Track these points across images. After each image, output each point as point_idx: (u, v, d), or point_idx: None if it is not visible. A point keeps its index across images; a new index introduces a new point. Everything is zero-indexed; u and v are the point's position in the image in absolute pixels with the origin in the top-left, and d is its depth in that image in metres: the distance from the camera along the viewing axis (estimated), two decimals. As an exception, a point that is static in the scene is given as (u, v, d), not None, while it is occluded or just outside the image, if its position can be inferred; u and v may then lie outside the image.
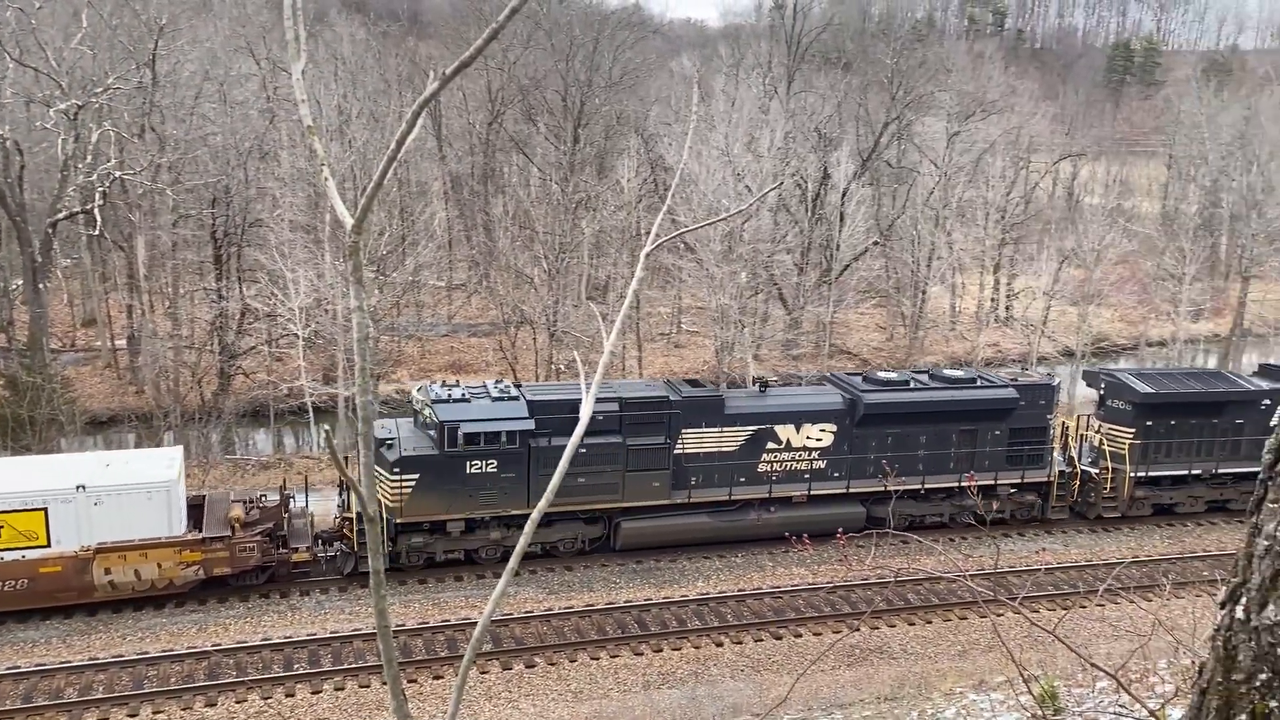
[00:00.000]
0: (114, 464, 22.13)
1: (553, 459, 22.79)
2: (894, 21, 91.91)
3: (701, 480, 24.99)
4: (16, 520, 20.24)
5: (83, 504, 20.53)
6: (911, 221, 50.61)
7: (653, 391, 25.23)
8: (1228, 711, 1.64)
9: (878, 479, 25.49)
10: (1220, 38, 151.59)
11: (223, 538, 21.71)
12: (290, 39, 1.90)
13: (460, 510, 23.16)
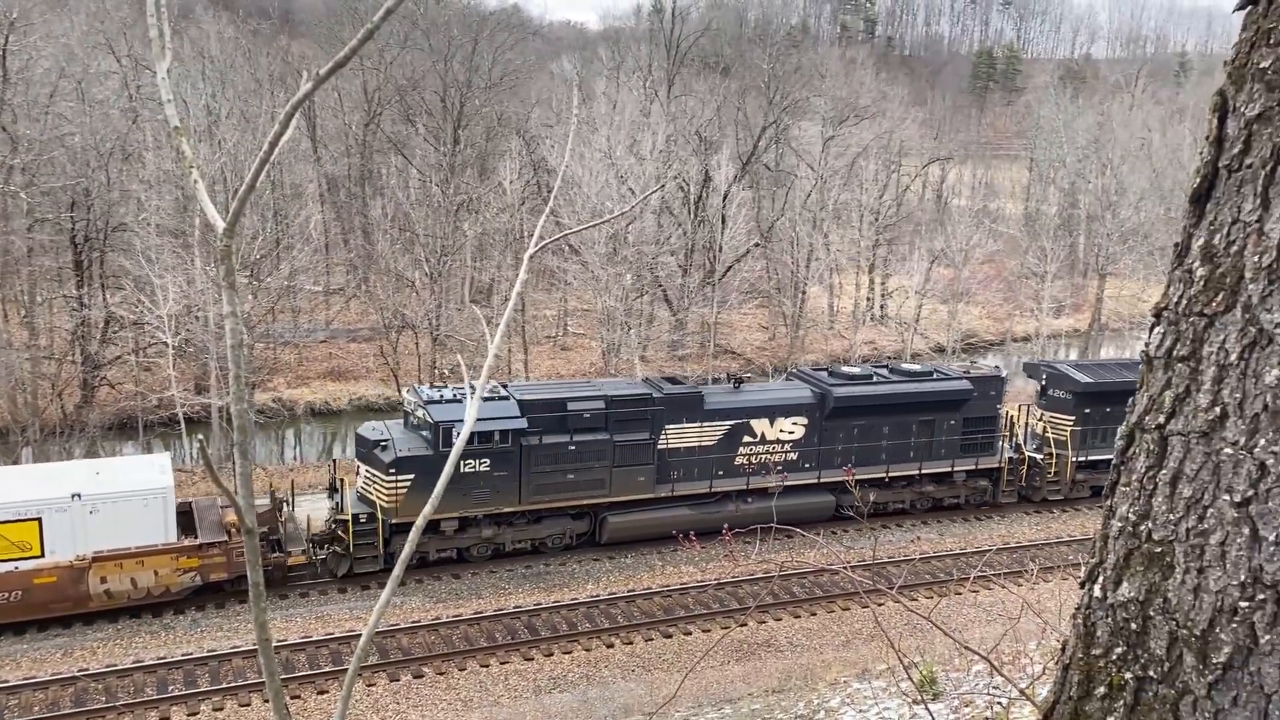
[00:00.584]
0: (104, 472, 21.82)
1: (545, 457, 23.57)
2: (770, 27, 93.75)
3: (683, 474, 25.60)
4: (9, 531, 19.81)
5: (78, 513, 20.17)
6: (790, 223, 51.74)
7: (636, 389, 25.81)
8: (1088, 685, 1.73)
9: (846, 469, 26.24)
10: (1075, 47, 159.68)
11: (219, 543, 21.56)
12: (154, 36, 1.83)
13: (454, 509, 23.40)
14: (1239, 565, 1.53)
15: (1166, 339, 1.68)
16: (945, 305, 51.77)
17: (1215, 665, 1.55)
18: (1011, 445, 29.88)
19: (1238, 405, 1.54)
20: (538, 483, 23.91)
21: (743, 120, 57.21)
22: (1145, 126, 68.91)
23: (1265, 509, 1.51)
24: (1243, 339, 1.53)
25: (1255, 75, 1.55)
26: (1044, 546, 27.04)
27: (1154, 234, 57.41)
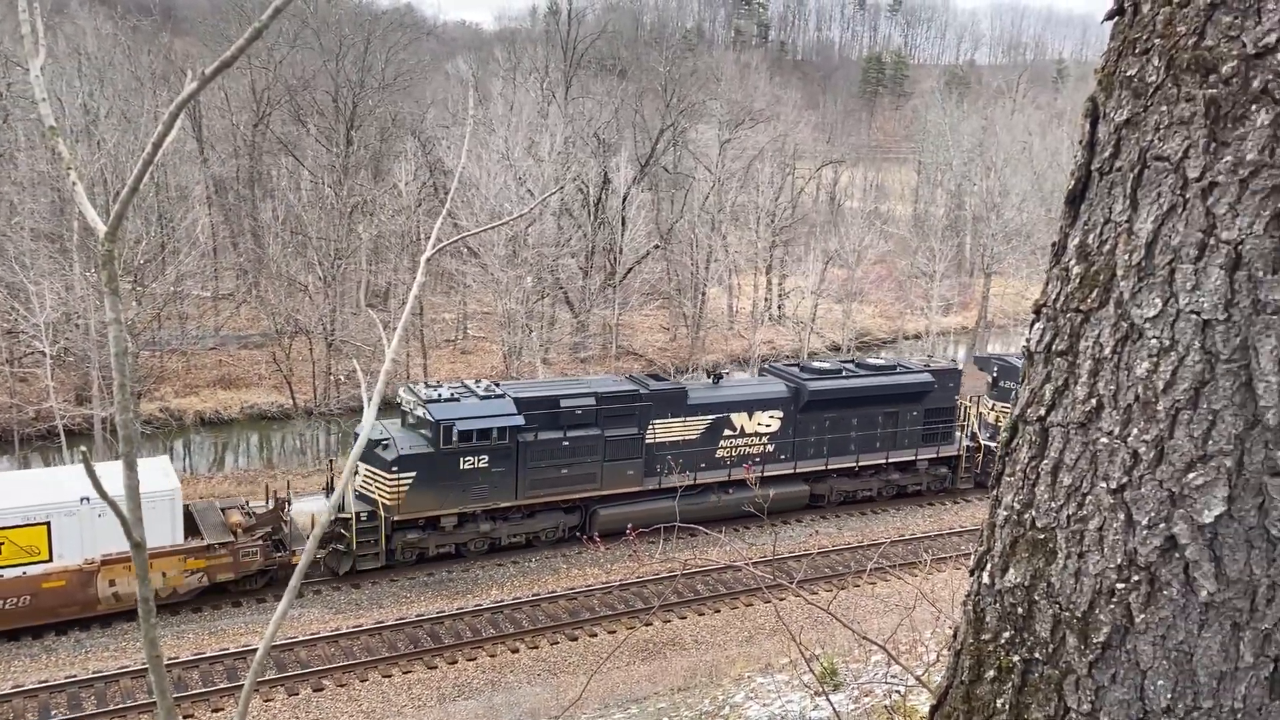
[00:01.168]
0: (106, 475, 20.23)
1: (540, 452, 24.36)
2: (665, 31, 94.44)
3: (668, 467, 26.16)
4: (18, 536, 19.72)
5: (86, 516, 20.02)
6: (690, 225, 52.24)
7: (624, 386, 26.53)
8: (978, 669, 1.80)
9: (819, 459, 28.44)
10: (960, 53, 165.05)
11: (226, 543, 21.77)
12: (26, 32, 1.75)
13: (454, 505, 23.90)
14: (1115, 549, 1.61)
15: (1046, 334, 1.75)
16: (840, 305, 52.96)
17: (1095, 645, 1.63)
18: (967, 434, 31.41)
19: (1112, 397, 1.62)
20: (534, 478, 24.53)
21: (640, 123, 57.51)
22: (1026, 130, 71.69)
23: (1138, 495, 1.58)
24: (1116, 333, 1.61)
25: (1123, 83, 1.63)
26: (937, 538, 27.87)
27: (1036, 234, 59.76)
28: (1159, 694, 1.59)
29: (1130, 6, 1.64)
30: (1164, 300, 1.55)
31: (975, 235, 62.56)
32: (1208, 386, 1.51)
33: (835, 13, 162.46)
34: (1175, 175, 1.54)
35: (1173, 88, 1.54)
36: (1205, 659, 1.56)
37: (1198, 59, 1.51)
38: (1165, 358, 1.55)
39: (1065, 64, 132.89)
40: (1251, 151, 1.46)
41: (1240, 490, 1.52)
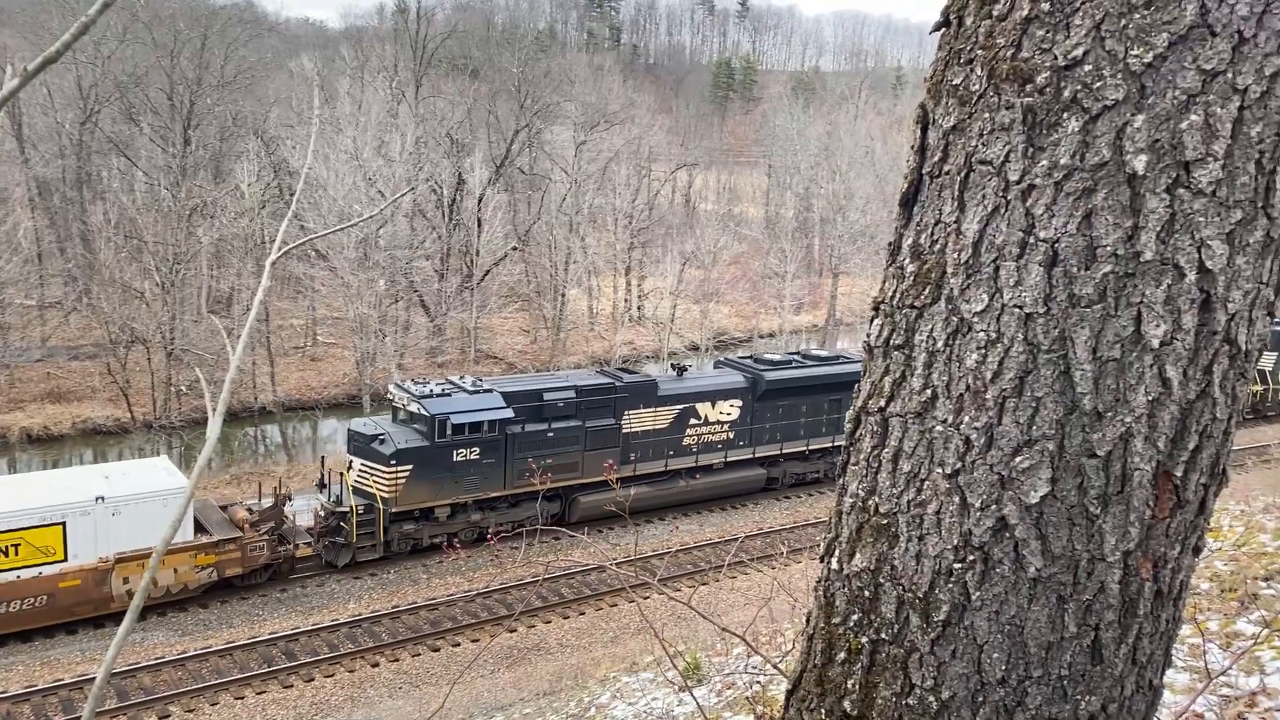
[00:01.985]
0: (114, 475, 22.05)
1: (527, 443, 25.28)
2: (518, 31, 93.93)
3: (641, 455, 27.63)
4: (34, 536, 19.84)
5: (101, 515, 20.33)
6: (547, 227, 52.13)
7: (601, 380, 27.84)
8: (830, 652, 1.87)
9: (774, 444, 30.20)
10: (805, 60, 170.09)
11: (234, 539, 22.19)
12: None
13: (447, 496, 24.70)
14: (952, 531, 1.70)
15: (884, 330, 1.84)
16: (698, 305, 53.82)
17: (936, 623, 1.72)
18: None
19: (945, 387, 1.71)
20: (520, 468, 25.21)
21: (494, 123, 57.03)
22: (869, 135, 74.46)
23: (971, 479, 1.68)
24: (947, 328, 1.71)
25: (950, 91, 1.73)
26: (793, 529, 28.62)
27: (879, 235, 62.11)
28: (994, 666, 1.69)
29: (955, 19, 1.74)
30: (990, 296, 1.65)
31: (823, 236, 64.61)
32: (1031, 376, 1.62)
33: (685, 18, 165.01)
34: (998, 178, 1.64)
35: (994, 96, 1.64)
36: (1035, 631, 1.67)
37: (1015, 69, 1.61)
38: (992, 350, 1.65)
39: (904, 71, 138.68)
40: (1064, 156, 1.57)
41: (1062, 472, 1.63)
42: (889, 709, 1.76)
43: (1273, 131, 1.52)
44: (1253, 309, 1.61)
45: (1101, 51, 1.53)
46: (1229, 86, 1.50)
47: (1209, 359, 1.60)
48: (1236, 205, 1.54)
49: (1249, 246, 1.57)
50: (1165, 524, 1.66)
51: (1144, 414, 1.60)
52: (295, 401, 42.99)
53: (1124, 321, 1.57)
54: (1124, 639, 1.69)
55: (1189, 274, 1.55)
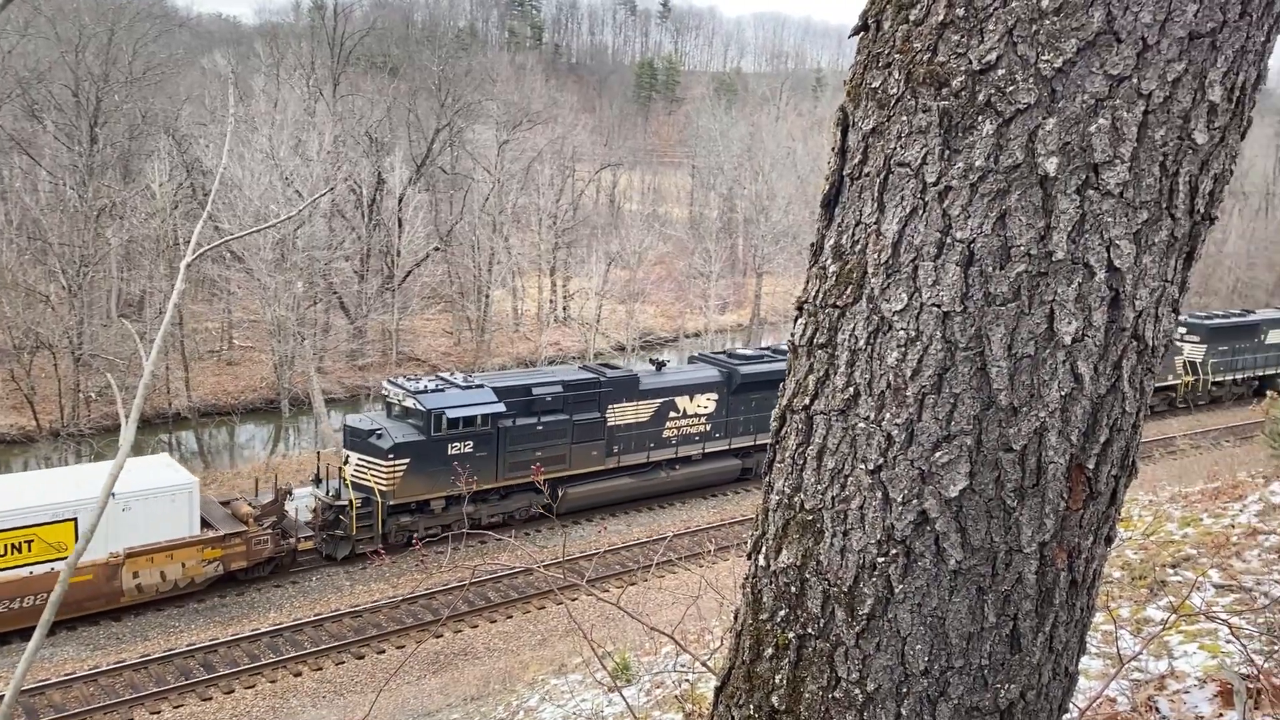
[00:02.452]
0: (134, 471, 21.90)
1: (518, 437, 26.17)
2: (438, 29, 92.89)
3: (624, 447, 28.64)
4: (46, 533, 20.09)
5: (111, 511, 20.36)
6: (470, 227, 51.68)
7: (586, 375, 28.81)
8: (758, 648, 1.89)
9: (748, 435, 31.11)
10: (727, 61, 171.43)
11: (239, 533, 22.67)
12: None
13: (442, 489, 25.16)
14: (875, 525, 1.73)
15: (808, 329, 1.86)
16: (623, 305, 53.91)
17: (861, 616, 1.75)
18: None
19: (867, 385, 1.74)
20: (512, 460, 26.17)
21: (415, 122, 56.33)
22: (790, 136, 75.43)
23: (893, 474, 1.71)
24: (868, 326, 1.74)
25: (869, 94, 1.76)
26: (720, 527, 28.85)
27: (801, 235, 62.94)
28: (917, 657, 1.73)
29: (873, 23, 1.77)
30: (909, 295, 1.68)
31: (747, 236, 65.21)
32: (949, 373, 1.66)
33: (607, 17, 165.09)
34: (916, 180, 1.67)
35: (911, 99, 1.67)
36: (956, 622, 1.71)
37: (932, 73, 1.65)
38: (912, 347, 1.68)
39: (823, 73, 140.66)
40: (979, 158, 1.61)
41: (980, 466, 1.67)
42: (816, 703, 1.79)
43: (1175, 135, 1.58)
44: (1159, 306, 1.68)
45: (1014, 56, 1.57)
46: (1134, 91, 1.55)
47: (1118, 355, 1.66)
48: (1143, 206, 1.60)
49: (1154, 246, 1.63)
50: (1079, 515, 1.71)
51: (1057, 409, 1.64)
52: (211, 407, 41.93)
53: (1037, 319, 1.61)
54: (1041, 628, 1.74)
55: (1099, 273, 1.60)
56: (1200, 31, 1.55)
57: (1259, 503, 9.61)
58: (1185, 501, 11.18)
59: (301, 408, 41.21)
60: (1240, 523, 8.71)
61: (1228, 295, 62.80)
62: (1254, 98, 1.68)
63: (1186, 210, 1.65)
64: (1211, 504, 10.42)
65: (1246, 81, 1.64)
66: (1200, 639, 5.48)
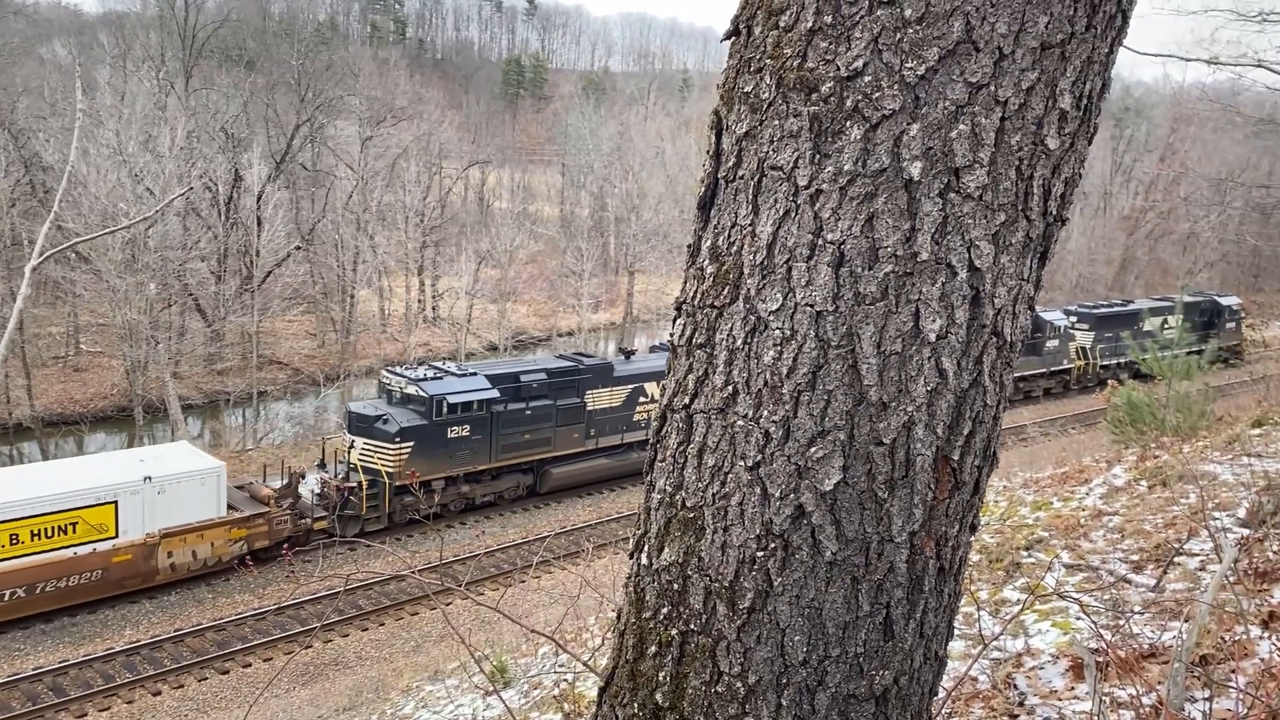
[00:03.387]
0: (148, 458, 23.61)
1: (508, 421, 27.99)
2: (296, 22, 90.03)
3: (600, 430, 30.52)
4: (90, 515, 21.12)
5: (149, 494, 21.87)
6: (334, 225, 50.27)
7: (566, 363, 30.60)
8: (641, 646, 1.90)
9: None
10: (595, 60, 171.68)
11: (262, 514, 23.91)
12: None
13: (443, 470, 26.91)
14: (754, 521, 1.77)
15: (687, 329, 1.88)
16: (495, 304, 53.38)
17: (742, 611, 1.78)
18: None
19: (745, 383, 1.77)
20: (503, 443, 28.05)
21: (274, 117, 54.45)
22: (659, 136, 76.14)
23: (771, 470, 1.75)
24: (745, 326, 1.77)
25: (741, 98, 1.79)
26: (598, 525, 28.91)
27: (672, 234, 63.61)
28: (796, 648, 1.77)
29: (745, 28, 1.80)
30: (784, 295, 1.72)
31: (618, 235, 65.47)
32: (822, 370, 1.70)
33: (473, 13, 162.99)
34: (788, 183, 1.71)
35: (783, 104, 1.71)
36: (832, 612, 1.76)
37: (802, 79, 1.69)
38: (787, 346, 1.72)
39: (690, 74, 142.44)
40: (848, 162, 1.66)
41: (853, 460, 1.72)
42: (699, 698, 1.81)
43: (1029, 141, 1.67)
44: (1016, 304, 1.76)
45: (880, 64, 1.62)
46: (992, 99, 1.63)
47: (979, 350, 1.73)
48: (1000, 208, 1.67)
49: (1012, 246, 1.71)
50: (945, 505, 1.79)
51: (924, 403, 1.71)
52: (57, 416, 39.60)
53: (904, 317, 1.67)
54: (912, 614, 1.81)
55: (960, 272, 1.67)
56: (1051, 42, 1.64)
57: (1103, 486, 10.21)
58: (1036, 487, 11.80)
59: (157, 415, 39.34)
60: (1087, 505, 9.25)
61: (1070, 290, 66.48)
62: (1100, 106, 1.78)
63: (1040, 212, 1.74)
64: (1060, 488, 11.03)
65: (1093, 90, 1.74)
66: (1053, 617, 5.79)
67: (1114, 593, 6.14)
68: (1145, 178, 79.09)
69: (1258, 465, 8.60)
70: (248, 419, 42.10)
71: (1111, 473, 11.01)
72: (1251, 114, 25.38)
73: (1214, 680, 4.13)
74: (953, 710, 4.65)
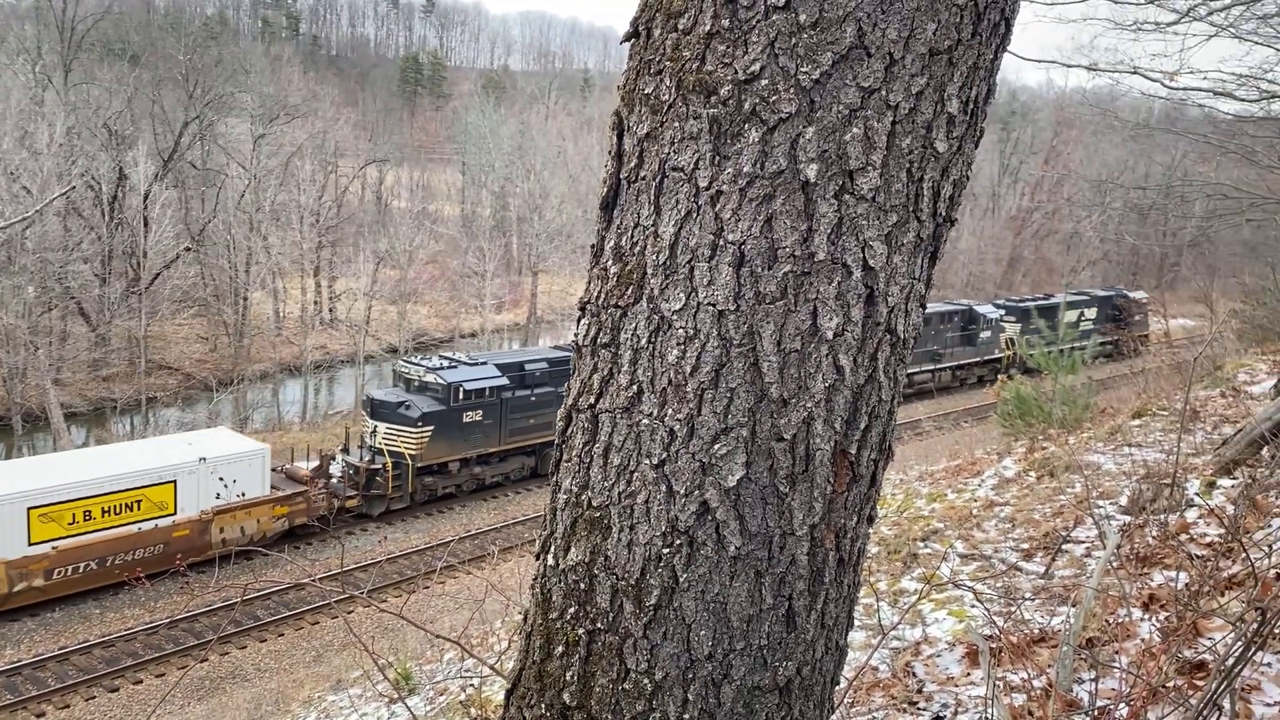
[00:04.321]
0: (196, 441, 25.29)
1: (516, 406, 29.73)
2: (183, 16, 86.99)
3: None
4: (152, 493, 22.82)
5: (203, 474, 23.53)
6: (225, 226, 48.75)
7: (563, 353, 32.21)
8: (548, 647, 1.90)
9: None
10: (494, 58, 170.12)
11: (302, 493, 25.53)
12: None
13: (458, 452, 29.07)
14: (660, 518, 1.79)
15: (591, 329, 1.89)
16: (394, 306, 52.50)
17: (648, 608, 1.80)
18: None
19: (650, 382, 1.79)
20: (511, 427, 29.90)
21: (160, 114, 52.53)
22: (561, 135, 75.95)
23: (676, 467, 1.77)
24: (649, 326, 1.79)
25: (642, 99, 1.81)
26: (503, 529, 28.68)
27: (575, 234, 63.55)
28: (702, 643, 1.79)
29: (644, 30, 1.82)
30: (687, 295, 1.74)
31: (521, 235, 65.06)
32: (725, 368, 1.73)
33: (369, 10, 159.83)
34: (689, 184, 1.74)
35: (683, 106, 1.73)
36: (736, 605, 1.79)
37: (701, 81, 1.71)
38: (690, 345, 1.74)
39: (591, 74, 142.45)
40: (747, 164, 1.69)
41: (755, 456, 1.75)
42: (607, 696, 1.82)
43: (919, 144, 1.72)
44: (908, 302, 1.82)
45: (776, 67, 1.66)
46: (884, 103, 1.68)
47: (874, 347, 1.78)
48: (892, 209, 1.73)
49: (904, 246, 1.77)
50: (844, 498, 1.83)
51: (823, 399, 1.75)
52: (-75, 427, 37.52)
53: (803, 316, 1.71)
54: (814, 606, 1.85)
55: (855, 272, 1.72)
56: (939, 48, 1.70)
57: (994, 477, 10.59)
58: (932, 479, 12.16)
59: (37, 424, 37.58)
60: (979, 496, 9.58)
61: (961, 288, 68.67)
62: (985, 110, 1.85)
63: (930, 213, 1.80)
64: (954, 480, 11.39)
65: (979, 95, 1.81)
66: (949, 605, 5.98)
67: (1006, 580, 6.38)
68: (1031, 179, 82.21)
69: (1137, 455, 9.02)
70: (135, 426, 40.53)
71: (1002, 464, 11.42)
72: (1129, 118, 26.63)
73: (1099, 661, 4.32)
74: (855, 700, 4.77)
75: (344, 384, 50.63)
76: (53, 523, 21.56)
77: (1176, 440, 7.99)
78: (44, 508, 21.44)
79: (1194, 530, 6.28)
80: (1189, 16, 15.95)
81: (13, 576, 21.32)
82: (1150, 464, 8.15)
